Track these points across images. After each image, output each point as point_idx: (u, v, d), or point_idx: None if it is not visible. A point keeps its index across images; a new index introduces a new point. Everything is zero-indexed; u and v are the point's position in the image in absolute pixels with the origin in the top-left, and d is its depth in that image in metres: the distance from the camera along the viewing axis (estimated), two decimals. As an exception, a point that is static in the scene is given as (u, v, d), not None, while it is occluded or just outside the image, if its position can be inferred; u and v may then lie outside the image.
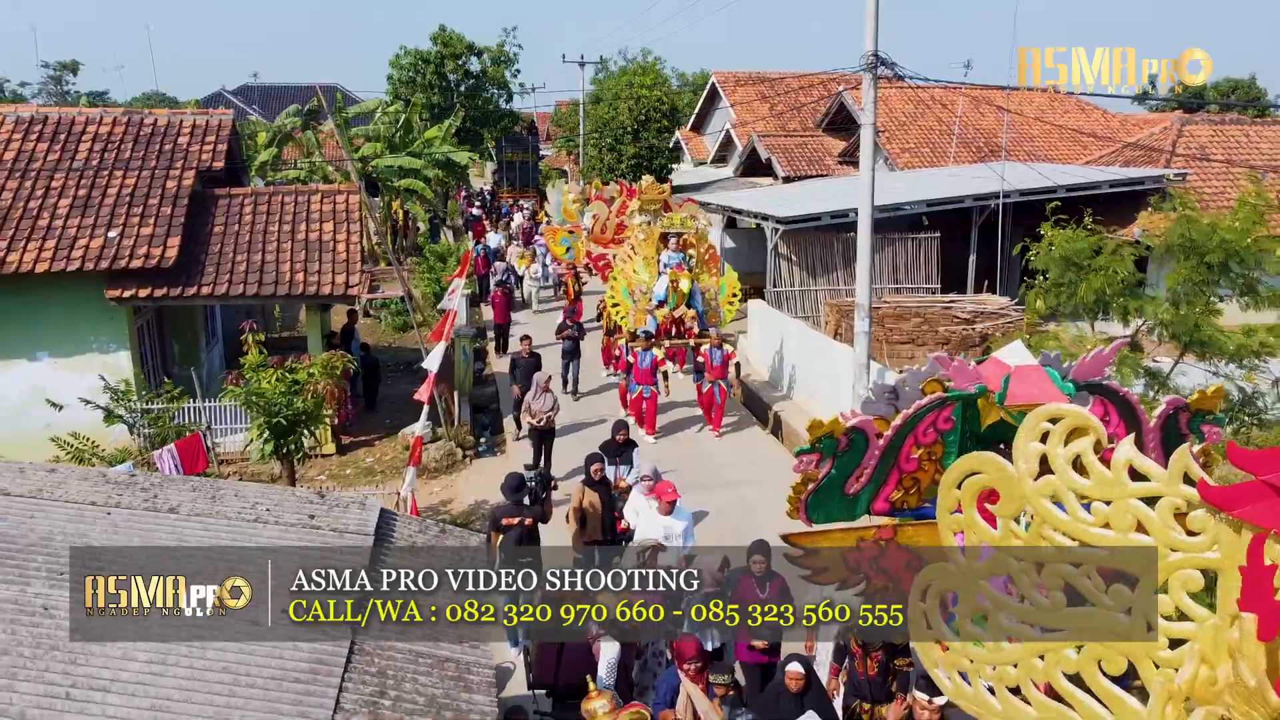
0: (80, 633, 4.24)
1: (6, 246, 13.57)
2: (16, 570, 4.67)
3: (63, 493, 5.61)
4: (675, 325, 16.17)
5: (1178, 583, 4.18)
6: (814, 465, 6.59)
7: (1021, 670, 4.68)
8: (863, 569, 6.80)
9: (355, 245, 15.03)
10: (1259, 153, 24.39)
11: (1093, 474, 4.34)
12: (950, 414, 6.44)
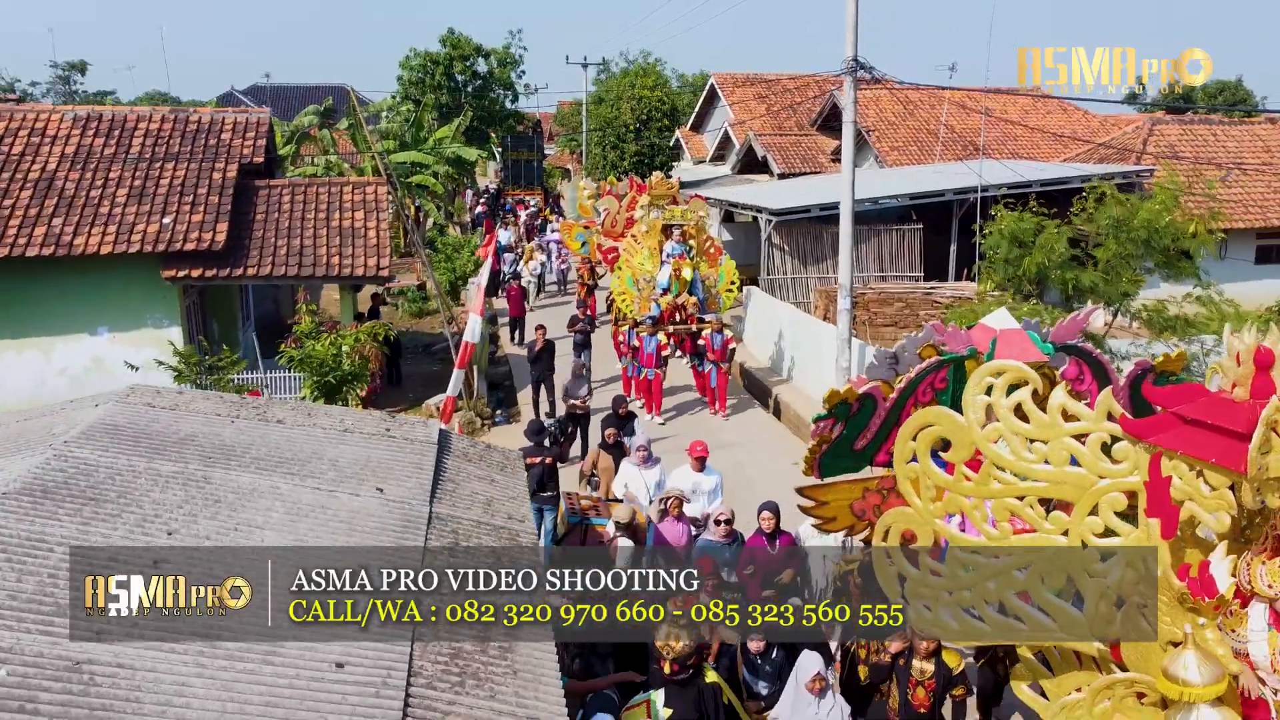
0: (220, 499, 5.71)
1: (73, 231, 15.07)
2: (177, 453, 6.15)
3: (195, 407, 7.11)
4: (678, 311, 17.07)
5: (1106, 504, 4.77)
6: (829, 429, 7.34)
7: (976, 593, 5.15)
8: (867, 515, 7.44)
9: (385, 232, 16.52)
10: (1225, 150, 25.90)
11: (1032, 419, 4.90)
12: (945, 375, 7.17)
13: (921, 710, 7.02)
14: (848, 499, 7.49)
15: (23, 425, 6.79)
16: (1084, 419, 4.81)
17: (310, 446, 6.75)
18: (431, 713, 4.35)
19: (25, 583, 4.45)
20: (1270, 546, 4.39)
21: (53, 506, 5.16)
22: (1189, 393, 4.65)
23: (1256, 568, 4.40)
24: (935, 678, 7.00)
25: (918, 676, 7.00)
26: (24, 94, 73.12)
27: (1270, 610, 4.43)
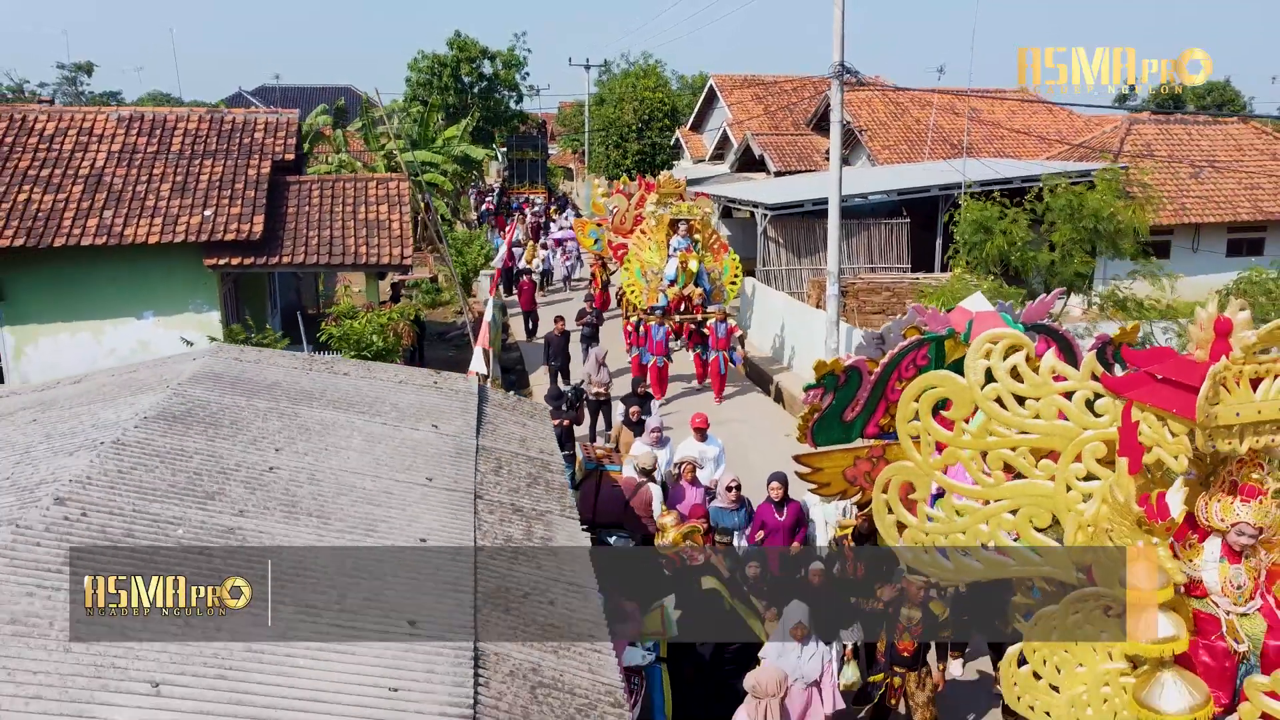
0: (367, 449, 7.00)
1: (123, 222, 16.35)
2: (268, 394, 7.45)
3: (273, 362, 8.42)
4: (684, 302, 17.98)
5: (1089, 453, 5.28)
6: (819, 398, 7.87)
7: (970, 534, 5.65)
8: (858, 482, 7.95)
9: (407, 224, 17.82)
10: (1199, 149, 27.21)
11: (1026, 379, 5.37)
12: (926, 352, 7.69)
13: (906, 654, 7.69)
14: (841, 466, 7.97)
15: (132, 375, 8.09)
16: (1071, 378, 5.32)
17: (374, 392, 8.07)
18: (494, 575, 5.65)
19: (179, 477, 5.76)
20: (1225, 488, 5.02)
21: (183, 428, 6.47)
22: (1160, 355, 5.22)
23: (1212, 505, 5.04)
24: (921, 625, 7.65)
25: (905, 623, 7.67)
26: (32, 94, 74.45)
27: (1222, 542, 5.07)
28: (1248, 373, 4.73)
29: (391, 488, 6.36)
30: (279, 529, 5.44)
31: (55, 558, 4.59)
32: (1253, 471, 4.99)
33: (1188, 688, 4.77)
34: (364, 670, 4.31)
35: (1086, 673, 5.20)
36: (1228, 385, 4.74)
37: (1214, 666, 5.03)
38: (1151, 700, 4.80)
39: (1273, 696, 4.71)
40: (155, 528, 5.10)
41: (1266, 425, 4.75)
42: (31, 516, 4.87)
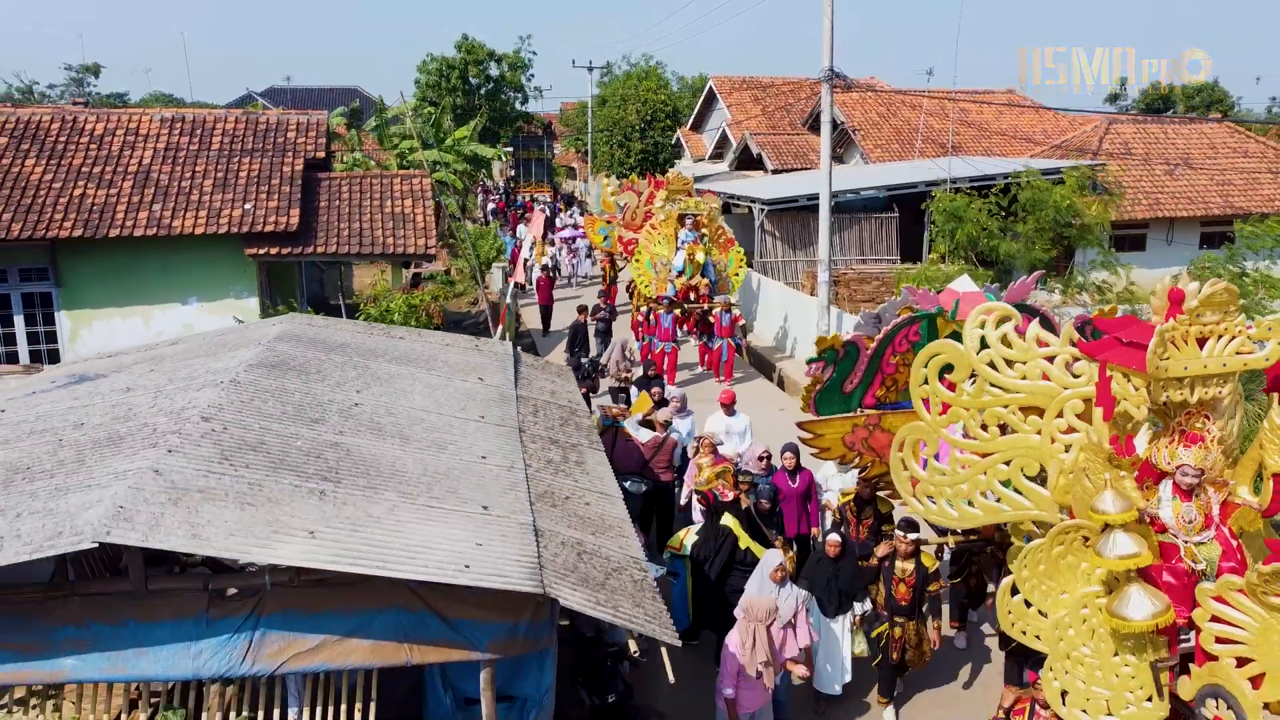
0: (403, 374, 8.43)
1: (170, 215, 17.77)
2: (340, 351, 8.88)
3: (338, 328, 9.87)
4: (691, 292, 18.73)
5: (1069, 409, 5.95)
6: (820, 370, 8.51)
7: (970, 485, 6.30)
8: (856, 447, 8.51)
9: (430, 217, 19.22)
10: (1174, 148, 28.62)
11: (1015, 345, 6.05)
12: (918, 329, 8.35)
13: (903, 603, 8.23)
14: (840, 432, 8.51)
15: (223, 337, 9.53)
16: (1053, 345, 6.01)
17: (427, 352, 9.52)
18: (541, 483, 7.10)
19: (287, 408, 7.19)
20: (1173, 436, 5.78)
21: (280, 374, 7.91)
22: (1127, 322, 6.09)
23: (1162, 451, 5.80)
24: (915, 575, 8.22)
25: (900, 575, 8.23)
26: (42, 96, 75.77)
27: (1173, 483, 5.80)
28: (1194, 333, 5.51)
29: (452, 422, 7.80)
30: (372, 445, 6.88)
31: (215, 454, 6.03)
32: (1198, 421, 5.73)
33: (1150, 598, 5.42)
34: (455, 533, 5.76)
35: (1069, 599, 5.84)
36: (1176, 343, 5.50)
37: (1176, 585, 5.73)
38: (1120, 610, 5.43)
39: (1219, 601, 5.40)
40: (280, 439, 6.55)
41: (1213, 379, 5.57)
42: (189, 429, 6.31)
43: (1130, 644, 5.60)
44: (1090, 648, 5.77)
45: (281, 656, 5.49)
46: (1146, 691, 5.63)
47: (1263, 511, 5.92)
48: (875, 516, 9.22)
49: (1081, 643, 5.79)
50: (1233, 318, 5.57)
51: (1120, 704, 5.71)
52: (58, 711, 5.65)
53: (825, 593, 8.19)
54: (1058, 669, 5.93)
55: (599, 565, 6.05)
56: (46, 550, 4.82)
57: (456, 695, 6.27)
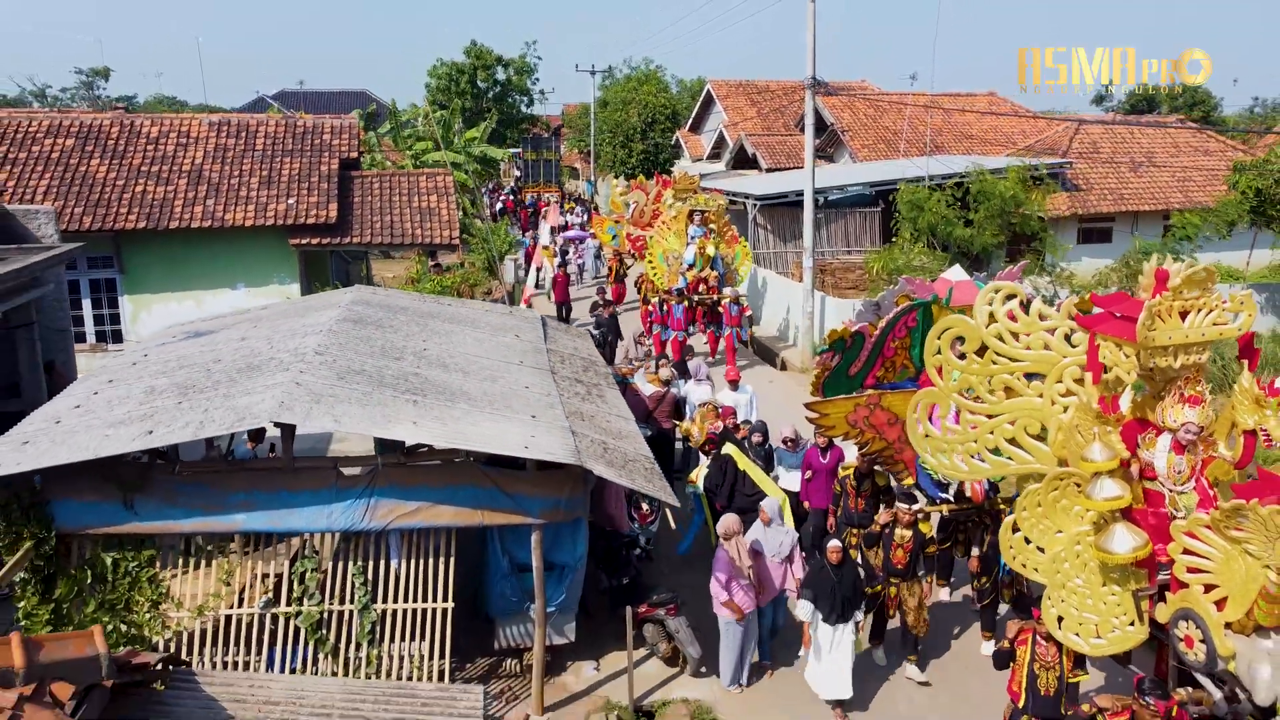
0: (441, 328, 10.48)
1: (223, 209, 19.83)
2: (404, 311, 10.94)
3: (397, 296, 11.93)
4: (701, 284, 19.66)
5: (1068, 375, 6.58)
6: (829, 359, 9.15)
7: (980, 442, 6.90)
8: (859, 425, 8.98)
9: (454, 210, 21.28)
10: (1140, 147, 30.67)
11: (1019, 319, 6.65)
12: (915, 316, 8.94)
13: (900, 566, 8.87)
14: (844, 411, 8.98)
15: (306, 303, 11.59)
16: (1052, 318, 6.64)
17: (471, 315, 11.60)
18: (572, 406, 9.16)
19: (374, 349, 9.25)
20: (1176, 397, 6.38)
21: (361, 327, 9.97)
22: (1119, 299, 6.56)
23: (1166, 411, 6.43)
24: (912, 541, 8.82)
25: (899, 541, 8.83)
26: (54, 99, 77.72)
27: (1172, 439, 6.43)
28: (1177, 307, 6.13)
29: (498, 364, 9.87)
30: (441, 375, 8.95)
31: (332, 376, 8.09)
32: (1195, 385, 6.38)
33: (1131, 535, 6.12)
34: (514, 428, 7.85)
35: (1064, 536, 6.49)
36: (1161, 316, 6.07)
37: (1159, 526, 6.38)
38: (1106, 545, 6.15)
39: (1189, 535, 6.07)
40: (375, 368, 8.61)
41: (1194, 347, 6.19)
42: (308, 360, 8.38)
43: (1115, 575, 6.32)
44: (1082, 579, 6.49)
45: (390, 516, 7.57)
46: (1129, 616, 6.39)
47: (1235, 464, 6.63)
48: (873, 488, 9.84)
49: (1075, 574, 6.51)
50: (1210, 293, 6.21)
51: (1107, 627, 6.47)
52: (224, 559, 7.72)
53: (828, 601, 8.31)
54: (1054, 597, 6.65)
55: (618, 456, 8.13)
56: (237, 427, 6.90)
57: (512, 560, 8.32)
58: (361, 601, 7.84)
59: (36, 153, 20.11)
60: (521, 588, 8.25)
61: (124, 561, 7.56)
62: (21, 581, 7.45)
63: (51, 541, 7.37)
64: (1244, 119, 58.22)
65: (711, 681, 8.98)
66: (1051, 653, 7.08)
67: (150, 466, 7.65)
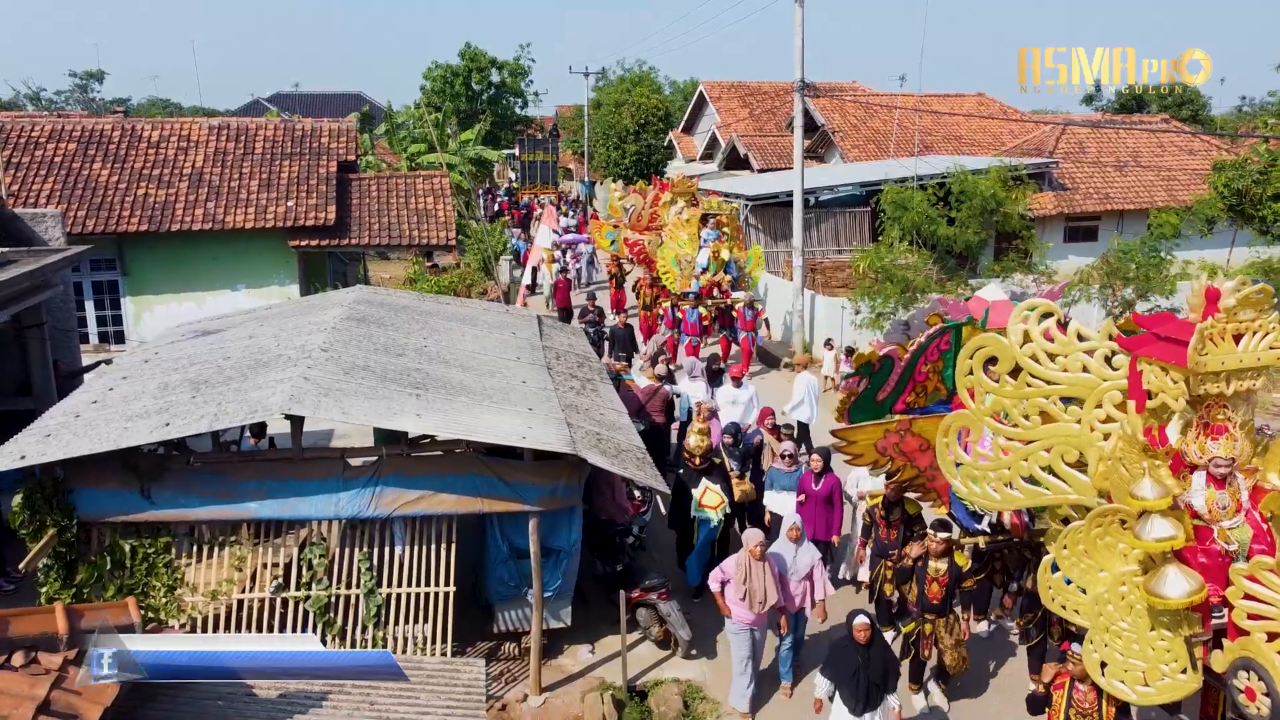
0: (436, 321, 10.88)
1: (223, 211, 20.20)
2: (405, 309, 11.33)
3: (398, 295, 12.33)
4: (715, 288, 19.65)
5: (1108, 399, 6.10)
6: (856, 384, 8.74)
7: (1014, 470, 6.45)
8: (888, 453, 8.58)
9: (450, 212, 21.68)
10: (1125, 147, 31.15)
11: (1056, 339, 6.20)
12: (949, 338, 8.45)
13: (935, 602, 8.29)
14: (872, 439, 8.57)
15: (309, 302, 11.97)
16: (1091, 339, 6.17)
17: (470, 313, 12.00)
18: (567, 399, 9.56)
19: (376, 346, 9.64)
20: (1199, 428, 5.99)
21: (364, 325, 10.36)
22: (1163, 319, 6.15)
23: (1191, 445, 6.01)
24: (948, 574, 8.24)
25: (933, 574, 8.26)
26: (49, 103, 77.97)
27: (1206, 474, 5.98)
28: (1230, 330, 5.71)
29: (496, 360, 10.27)
30: (442, 370, 9.35)
31: (338, 371, 8.49)
32: (1219, 412, 5.91)
33: (1185, 578, 5.61)
34: (512, 420, 8.25)
35: (1107, 576, 6.05)
36: (1214, 340, 5.67)
37: (1210, 565, 5.94)
38: (1158, 589, 5.63)
39: (1251, 579, 5.70)
40: (380, 364, 9.01)
41: (1247, 372, 5.77)
42: (314, 357, 8.77)
43: (1166, 619, 5.84)
44: (1128, 622, 6.03)
45: (394, 505, 7.97)
46: (1181, 664, 5.87)
47: None
48: (904, 518, 9.39)
49: (1120, 617, 6.06)
50: (1267, 315, 5.78)
51: (1156, 675, 5.96)
52: (236, 546, 8.11)
53: (852, 687, 7.27)
54: (1097, 642, 6.21)
55: (612, 446, 8.54)
56: (251, 419, 7.32)
57: (510, 546, 8.72)
58: (367, 586, 8.23)
59: (39, 157, 20.48)
60: (519, 573, 8.65)
61: (141, 548, 7.95)
62: (45, 568, 7.83)
63: (73, 529, 7.77)
64: (1231, 119, 58.72)
65: (702, 663, 9.40)
66: (1090, 699, 6.75)
67: (166, 457, 8.04)
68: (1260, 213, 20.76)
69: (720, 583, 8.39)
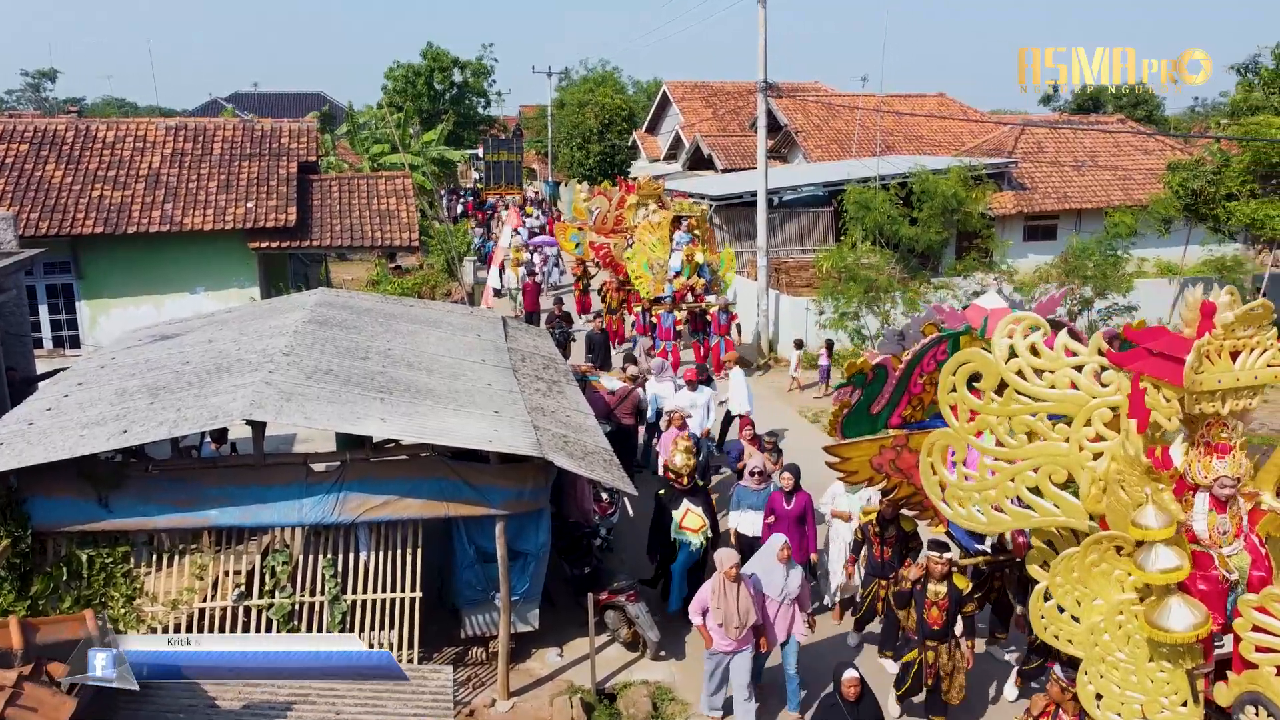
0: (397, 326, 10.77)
1: (181, 213, 19.89)
2: (368, 312, 11.22)
3: (360, 297, 12.19)
4: (689, 292, 19.37)
5: (1097, 417, 5.80)
6: (849, 395, 8.33)
7: (999, 491, 6.19)
8: (884, 469, 8.17)
9: (414, 212, 21.51)
10: (1083, 147, 31.58)
11: (1043, 354, 5.89)
12: (945, 348, 7.96)
13: (936, 627, 7.90)
14: (867, 455, 8.17)
15: (271, 305, 11.81)
16: (1081, 354, 5.88)
17: (434, 315, 11.90)
18: (534, 402, 9.51)
19: (340, 349, 9.53)
20: (1201, 448, 5.76)
21: (326, 327, 10.24)
22: (1157, 333, 5.86)
23: (1194, 464, 5.77)
24: (948, 598, 7.87)
25: (933, 598, 7.89)
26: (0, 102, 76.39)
27: (1209, 496, 5.77)
28: (1228, 346, 5.46)
29: (461, 362, 10.20)
30: (407, 374, 9.27)
31: (301, 375, 8.38)
32: (1220, 431, 5.70)
33: (1190, 610, 5.37)
34: (478, 424, 8.18)
35: (1103, 604, 5.83)
36: (1210, 357, 5.43)
37: (1210, 593, 5.72)
38: (1161, 621, 5.39)
39: (1260, 611, 5.48)
40: (343, 368, 8.91)
41: (1244, 391, 5.53)
42: (276, 361, 8.65)
43: (1166, 651, 5.62)
44: (1126, 653, 5.82)
45: (359, 510, 7.88)
46: (1181, 696, 5.68)
47: None
48: (899, 536, 9.05)
49: (1117, 648, 5.85)
50: (1265, 331, 5.56)
51: (1155, 709, 5.75)
52: (197, 554, 7.97)
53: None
54: (1092, 673, 6.00)
55: (579, 448, 8.51)
56: (211, 425, 7.19)
57: (477, 550, 8.65)
58: (332, 593, 8.13)
59: (-10, 158, 20.05)
60: (486, 577, 8.59)
61: (99, 558, 7.79)
62: (-2, 579, 7.66)
63: (28, 539, 7.59)
64: (1184, 119, 59.89)
65: (671, 664, 9.39)
66: None
67: (125, 465, 7.89)
68: (1214, 212, 21.16)
69: (701, 612, 8.03)
